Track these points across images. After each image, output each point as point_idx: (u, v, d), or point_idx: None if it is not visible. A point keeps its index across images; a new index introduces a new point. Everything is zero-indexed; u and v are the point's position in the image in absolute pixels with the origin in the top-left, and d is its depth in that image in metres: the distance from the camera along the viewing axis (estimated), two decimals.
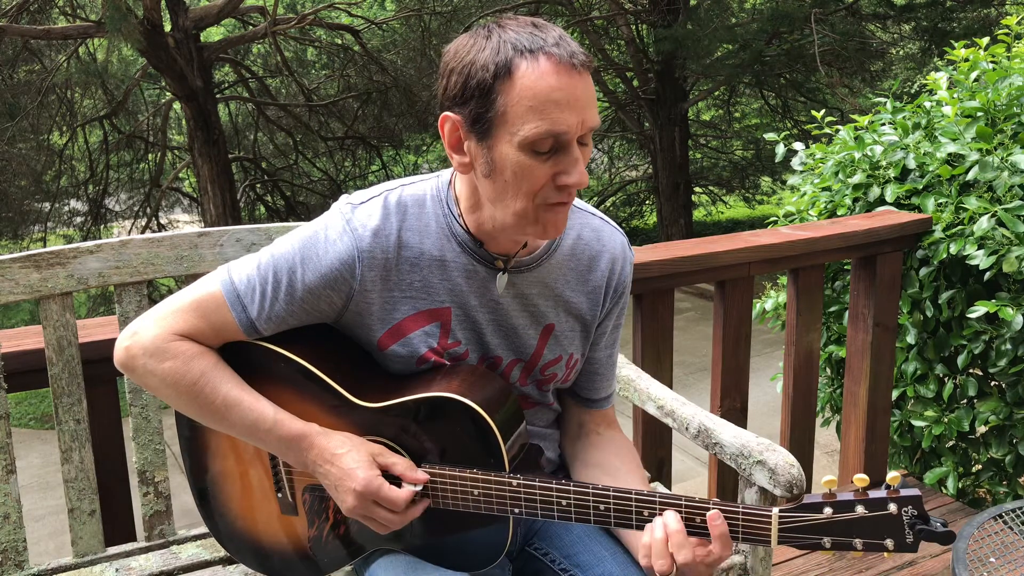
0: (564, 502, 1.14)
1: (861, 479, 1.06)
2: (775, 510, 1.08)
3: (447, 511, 1.21)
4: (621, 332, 1.45)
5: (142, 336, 1.20)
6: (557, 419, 1.44)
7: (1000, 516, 1.76)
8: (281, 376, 1.23)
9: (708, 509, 1.10)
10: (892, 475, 1.06)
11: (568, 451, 1.43)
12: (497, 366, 1.30)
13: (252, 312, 1.20)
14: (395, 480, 1.17)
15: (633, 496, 1.13)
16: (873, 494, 1.06)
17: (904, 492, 1.04)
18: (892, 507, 1.04)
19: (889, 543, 1.05)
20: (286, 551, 1.33)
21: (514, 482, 1.15)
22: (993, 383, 2.70)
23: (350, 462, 1.16)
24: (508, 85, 1.07)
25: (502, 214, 1.15)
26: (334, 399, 1.22)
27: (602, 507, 1.14)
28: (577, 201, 1.32)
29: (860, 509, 1.05)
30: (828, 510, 1.06)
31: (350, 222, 1.19)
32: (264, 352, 1.23)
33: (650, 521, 1.13)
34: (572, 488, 1.14)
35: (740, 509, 1.10)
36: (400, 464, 1.17)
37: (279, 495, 1.29)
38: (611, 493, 1.14)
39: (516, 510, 1.16)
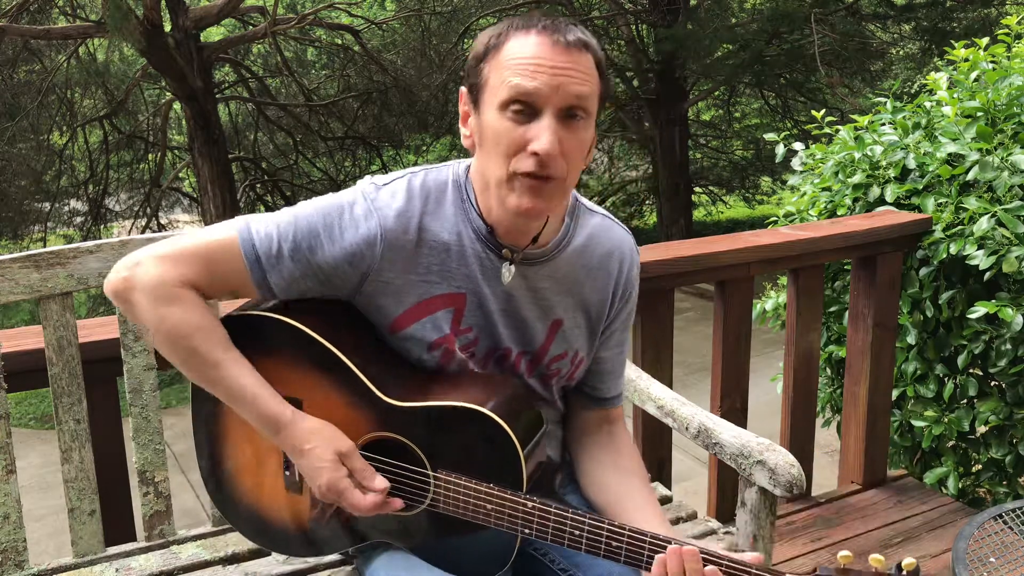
0: (576, 532, 1.14)
1: (877, 560, 1.06)
2: None
3: (450, 518, 1.20)
4: (630, 333, 1.45)
5: (145, 272, 1.17)
6: (561, 418, 1.44)
7: (1000, 516, 1.76)
8: (307, 358, 1.23)
9: (737, 571, 1.09)
10: (908, 561, 1.05)
11: (574, 447, 1.43)
12: (507, 358, 1.30)
13: (267, 267, 1.19)
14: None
15: (648, 540, 1.12)
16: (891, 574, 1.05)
17: None
18: None
19: None
20: (287, 527, 1.32)
21: (528, 504, 1.15)
22: (993, 383, 2.70)
23: (316, 460, 1.17)
24: (495, 54, 1.15)
25: (493, 185, 1.17)
26: (359, 391, 1.22)
27: (614, 544, 1.14)
28: (587, 202, 1.35)
29: None
30: None
31: (374, 202, 1.20)
32: (294, 331, 1.23)
33: None
34: (587, 521, 1.14)
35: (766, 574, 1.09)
36: (360, 472, 1.18)
37: (286, 472, 1.29)
38: (626, 532, 1.14)
39: (527, 530, 1.16)
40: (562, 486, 1.44)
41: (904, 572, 1.05)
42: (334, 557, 1.49)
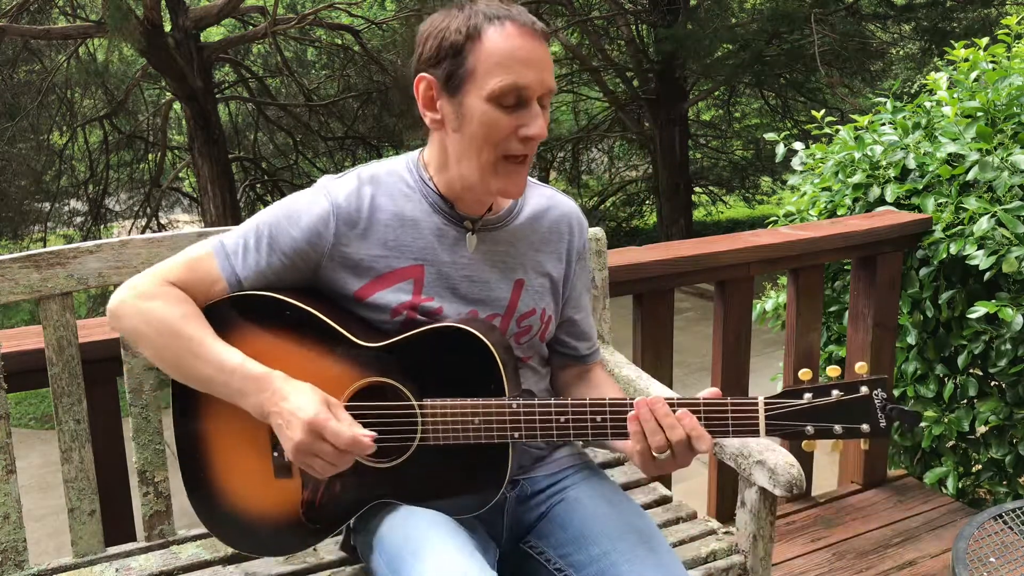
0: (562, 418, 1.21)
1: (833, 369, 1.16)
2: (760, 398, 1.17)
3: (442, 451, 1.24)
4: (591, 292, 1.53)
5: (136, 282, 1.30)
6: (546, 389, 1.49)
7: (1000, 516, 1.76)
8: (280, 321, 1.28)
9: (698, 406, 1.18)
10: (860, 364, 1.16)
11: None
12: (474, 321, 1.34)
13: (237, 264, 1.30)
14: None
15: (629, 404, 1.19)
16: (846, 380, 1.15)
17: (872, 376, 1.15)
18: (864, 389, 1.14)
19: (865, 427, 1.14)
20: (276, 521, 1.32)
21: (514, 404, 1.21)
22: (993, 383, 2.70)
23: (302, 400, 1.19)
24: (478, 45, 1.21)
25: (468, 168, 1.26)
26: (334, 341, 1.27)
27: (599, 419, 1.21)
28: (530, 179, 1.43)
29: (836, 393, 1.15)
30: (808, 395, 1.15)
31: (327, 188, 1.32)
32: (263, 300, 1.29)
33: None
34: (570, 403, 1.21)
35: (728, 403, 1.17)
36: (346, 419, 1.20)
37: (275, 454, 1.29)
38: (607, 402, 1.20)
39: (516, 434, 1.22)
40: None
41: (860, 376, 1.15)
42: (334, 557, 1.49)
